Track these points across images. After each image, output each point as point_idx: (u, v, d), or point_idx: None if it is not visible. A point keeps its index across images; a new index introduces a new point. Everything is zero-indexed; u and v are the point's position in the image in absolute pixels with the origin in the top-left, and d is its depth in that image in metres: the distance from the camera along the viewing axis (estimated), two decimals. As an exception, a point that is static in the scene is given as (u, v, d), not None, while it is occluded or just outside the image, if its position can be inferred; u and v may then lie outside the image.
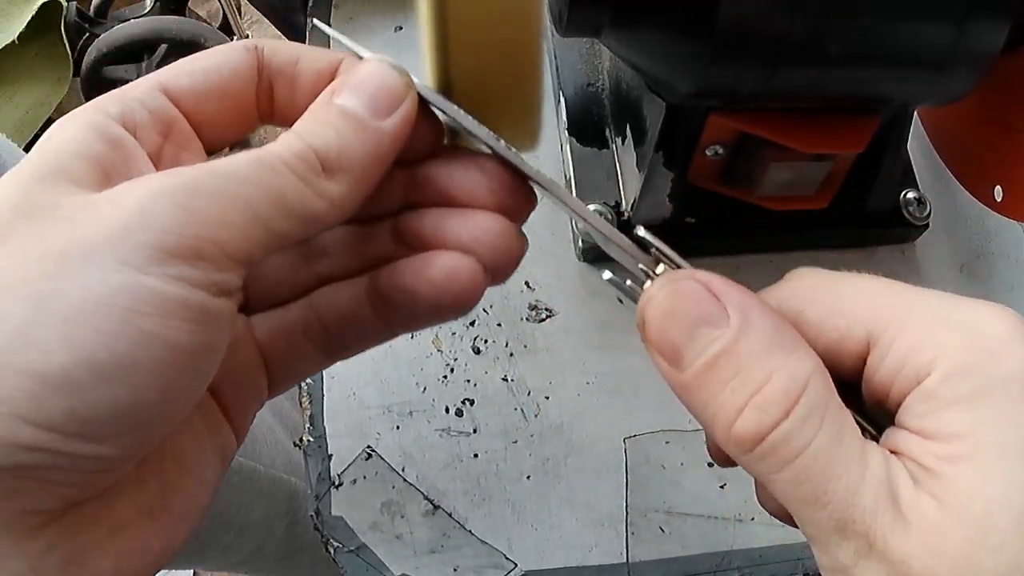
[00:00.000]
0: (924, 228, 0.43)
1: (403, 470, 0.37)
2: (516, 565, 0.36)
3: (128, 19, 1.17)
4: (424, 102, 0.22)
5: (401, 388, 0.38)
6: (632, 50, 0.33)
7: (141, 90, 0.21)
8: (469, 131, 0.22)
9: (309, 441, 0.37)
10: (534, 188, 0.23)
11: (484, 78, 0.22)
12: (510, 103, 0.23)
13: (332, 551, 0.35)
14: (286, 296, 0.24)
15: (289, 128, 0.21)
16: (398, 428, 0.37)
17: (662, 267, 0.22)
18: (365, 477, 0.36)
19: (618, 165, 0.41)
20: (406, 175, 0.23)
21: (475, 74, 0.21)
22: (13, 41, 1.04)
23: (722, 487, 0.38)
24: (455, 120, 0.22)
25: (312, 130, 0.20)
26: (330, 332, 0.24)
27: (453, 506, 0.36)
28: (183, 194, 0.17)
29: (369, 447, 0.37)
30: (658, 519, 0.37)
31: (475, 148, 0.23)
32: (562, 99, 0.43)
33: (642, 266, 0.22)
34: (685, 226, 0.40)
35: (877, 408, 0.20)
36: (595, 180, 0.41)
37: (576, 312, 0.40)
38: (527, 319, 0.40)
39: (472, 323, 0.39)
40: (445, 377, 0.38)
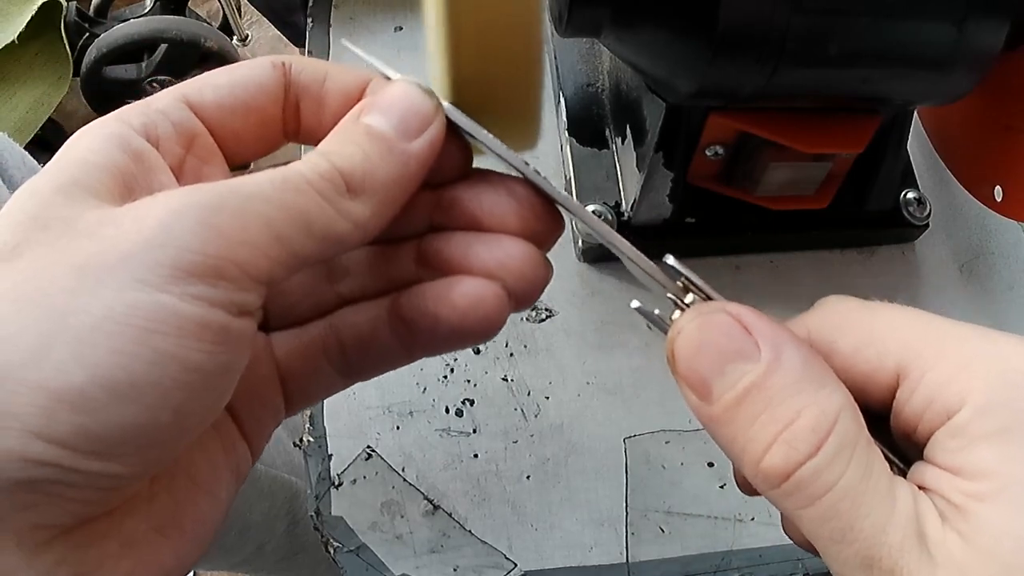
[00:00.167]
0: (924, 228, 0.43)
1: (403, 470, 0.37)
2: (516, 565, 0.36)
3: (128, 19, 1.17)
4: (452, 124, 0.22)
5: (401, 388, 0.38)
6: (632, 50, 0.33)
7: (165, 102, 0.21)
8: (499, 155, 0.21)
9: (309, 441, 0.37)
10: (562, 213, 0.23)
11: (486, 79, 0.22)
12: (510, 103, 0.23)
13: (332, 551, 0.35)
14: (306, 315, 0.24)
15: (315, 147, 0.20)
16: (398, 428, 0.37)
17: (691, 296, 0.21)
18: (365, 477, 0.36)
19: (618, 165, 0.41)
20: (432, 197, 0.23)
21: (477, 75, 0.21)
22: (13, 41, 1.04)
23: (722, 487, 0.38)
24: (484, 143, 0.21)
25: (338, 150, 0.20)
26: (349, 353, 0.24)
27: (453, 506, 0.36)
28: (205, 212, 0.17)
29: (369, 447, 0.37)
30: (658, 519, 0.37)
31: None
32: (562, 99, 0.43)
33: (671, 295, 0.21)
34: (685, 226, 0.40)
35: (905, 441, 0.20)
36: (595, 180, 0.41)
37: (576, 312, 0.40)
38: (527, 319, 0.40)
39: (472, 323, 0.39)
40: (445, 377, 0.38)
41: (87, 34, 1.19)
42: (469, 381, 0.38)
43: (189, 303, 0.16)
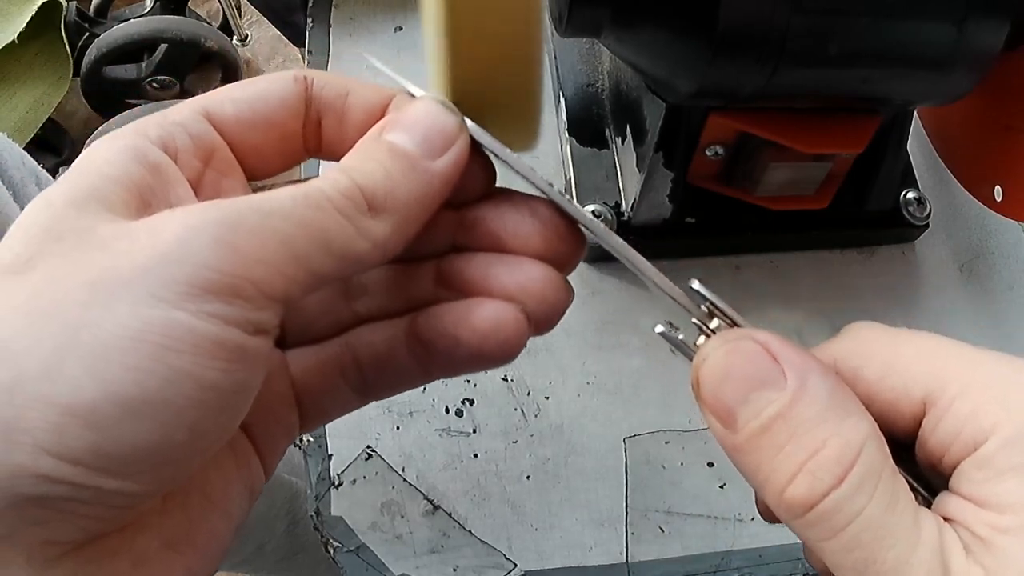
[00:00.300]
0: (924, 228, 0.43)
1: (403, 470, 0.37)
2: (516, 565, 0.36)
3: (128, 19, 1.17)
4: (476, 143, 0.21)
5: (401, 388, 0.38)
6: (632, 50, 0.33)
7: (183, 114, 0.21)
8: (523, 174, 0.21)
9: (309, 441, 0.37)
10: (584, 234, 0.22)
11: (485, 79, 0.22)
12: (510, 104, 0.22)
13: (332, 551, 0.35)
14: (323, 332, 0.23)
15: (336, 163, 0.20)
16: (398, 428, 0.37)
17: (716, 321, 0.21)
18: (365, 477, 0.36)
19: (618, 165, 0.41)
20: (454, 217, 0.23)
21: (476, 76, 0.21)
22: (13, 41, 1.04)
23: (722, 487, 0.38)
24: (508, 162, 0.21)
25: (359, 167, 0.19)
26: (365, 372, 0.23)
27: (453, 506, 0.36)
28: (222, 228, 0.17)
29: (369, 447, 0.37)
30: (658, 519, 0.37)
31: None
32: (562, 99, 0.43)
33: (696, 320, 0.21)
34: (685, 226, 0.40)
35: (930, 470, 0.20)
36: (595, 180, 0.41)
37: (576, 312, 0.40)
38: (527, 319, 0.40)
39: (472, 323, 0.39)
40: (445, 377, 0.38)
41: (87, 34, 1.19)
42: (469, 381, 0.38)
43: (205, 321, 0.16)
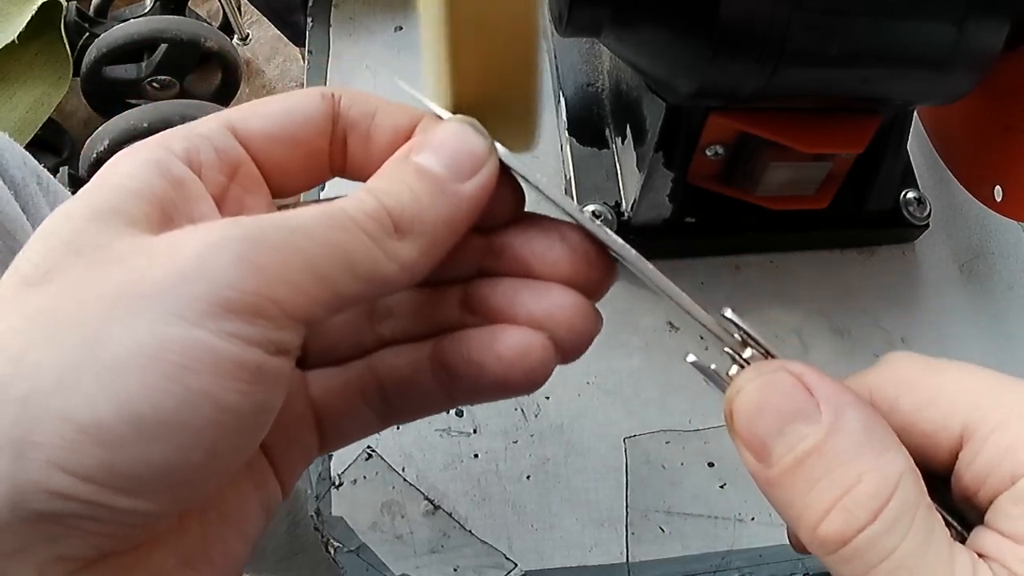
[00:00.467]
0: (924, 228, 0.43)
1: (403, 470, 0.37)
2: (516, 565, 0.36)
3: (128, 19, 1.17)
4: (504, 167, 0.21)
5: (401, 388, 0.38)
6: (632, 50, 0.33)
7: (209, 127, 0.20)
8: (554, 200, 0.21)
9: (309, 441, 0.37)
10: (616, 262, 0.22)
11: (483, 80, 0.22)
12: (508, 104, 0.22)
13: (332, 551, 0.35)
14: (345, 354, 0.23)
15: (363, 183, 0.20)
16: (398, 428, 0.37)
17: (749, 351, 0.21)
18: (365, 477, 0.36)
19: (618, 165, 0.41)
20: (481, 241, 0.22)
21: (475, 76, 0.21)
22: (13, 41, 1.04)
23: (722, 487, 0.38)
24: (537, 186, 0.21)
25: (386, 188, 0.19)
26: (387, 396, 0.23)
27: (453, 506, 0.36)
28: (245, 246, 0.16)
29: (369, 447, 0.37)
30: (658, 519, 0.37)
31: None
32: (562, 99, 0.43)
33: (728, 349, 0.21)
34: (685, 226, 0.40)
35: (966, 504, 0.20)
36: (595, 180, 0.41)
37: (576, 312, 0.40)
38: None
39: (472, 323, 0.39)
40: (445, 377, 0.38)
41: (87, 34, 1.19)
42: (469, 381, 0.38)
43: (225, 340, 0.16)
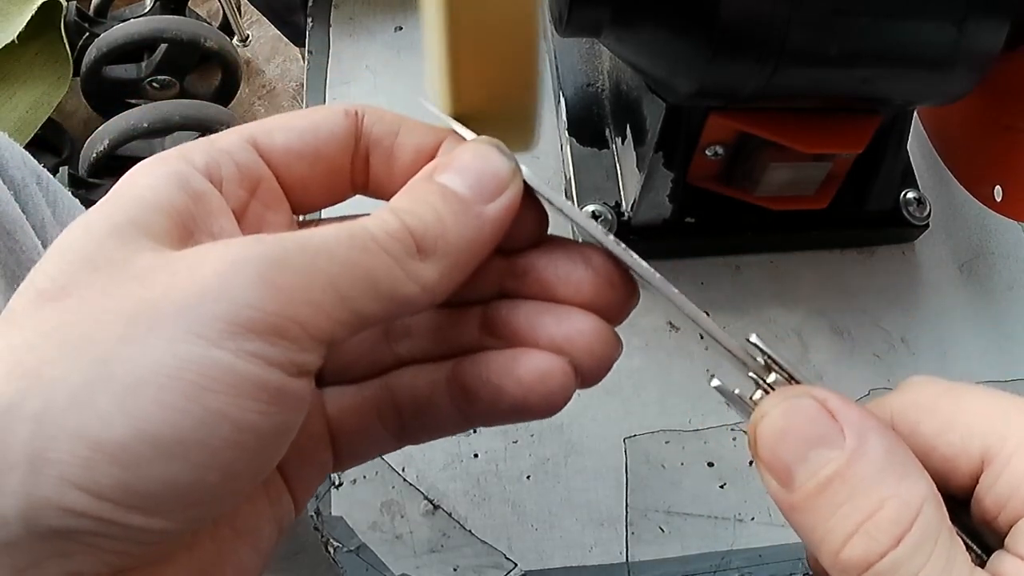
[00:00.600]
0: (924, 228, 0.43)
1: (403, 470, 0.37)
2: (516, 565, 0.36)
3: (128, 19, 1.17)
4: (529, 188, 0.21)
5: (401, 388, 0.38)
6: (632, 50, 0.33)
7: (230, 141, 0.20)
8: (578, 223, 0.21)
9: (309, 441, 0.37)
10: (639, 284, 0.22)
11: (483, 80, 0.22)
12: (508, 105, 0.22)
13: (332, 551, 0.35)
14: (362, 373, 0.23)
15: (385, 202, 0.20)
16: (398, 428, 0.37)
17: (774, 376, 0.21)
18: (365, 477, 0.36)
19: (618, 165, 0.41)
20: (504, 263, 0.22)
21: (475, 76, 0.21)
22: (13, 41, 1.04)
23: (722, 487, 0.38)
24: (562, 209, 0.21)
25: (409, 208, 0.19)
26: (404, 416, 0.23)
27: (453, 506, 0.36)
28: (266, 266, 0.16)
29: (369, 447, 0.37)
30: (658, 519, 0.37)
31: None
32: (562, 99, 0.43)
33: (753, 375, 0.21)
34: (685, 226, 0.40)
35: (985, 527, 0.20)
36: (595, 180, 0.41)
37: (576, 312, 0.40)
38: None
39: (472, 323, 0.39)
40: (445, 377, 0.38)
41: (87, 34, 1.19)
42: (469, 381, 0.38)
43: (245, 361, 0.16)
